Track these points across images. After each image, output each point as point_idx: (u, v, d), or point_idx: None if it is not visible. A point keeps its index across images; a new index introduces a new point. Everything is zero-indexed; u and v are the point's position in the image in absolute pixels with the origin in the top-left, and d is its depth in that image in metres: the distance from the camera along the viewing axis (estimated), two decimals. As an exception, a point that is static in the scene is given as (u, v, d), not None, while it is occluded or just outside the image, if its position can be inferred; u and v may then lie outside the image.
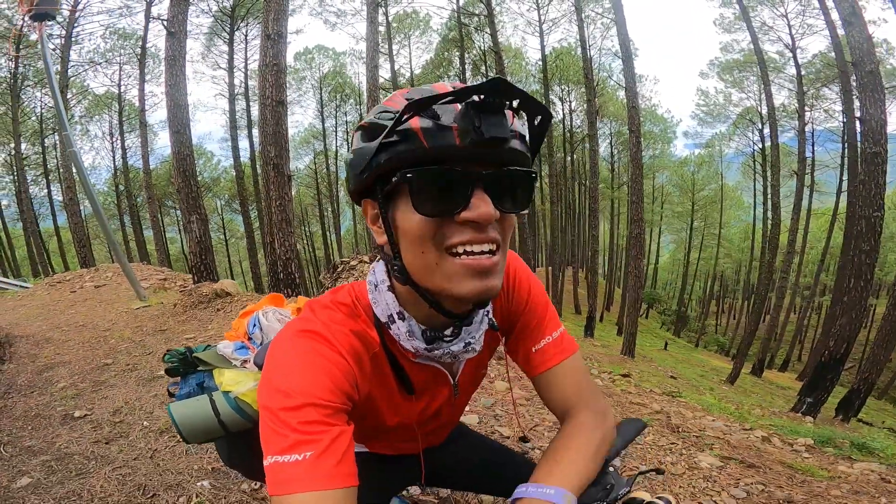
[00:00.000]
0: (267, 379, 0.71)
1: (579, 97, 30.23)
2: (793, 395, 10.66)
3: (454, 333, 0.79)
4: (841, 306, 8.30)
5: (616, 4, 13.94)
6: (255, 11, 21.93)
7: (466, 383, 0.98)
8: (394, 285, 0.79)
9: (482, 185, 0.64)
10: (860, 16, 7.74)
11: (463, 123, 0.62)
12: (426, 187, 0.65)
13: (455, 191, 0.64)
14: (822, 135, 22.69)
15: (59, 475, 2.32)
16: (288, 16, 7.30)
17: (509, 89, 0.60)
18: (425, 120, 0.63)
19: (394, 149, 0.65)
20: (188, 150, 7.89)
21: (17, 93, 21.15)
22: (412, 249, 0.69)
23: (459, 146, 0.62)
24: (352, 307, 0.82)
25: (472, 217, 0.64)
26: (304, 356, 0.72)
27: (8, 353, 4.43)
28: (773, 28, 20.20)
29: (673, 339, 28.47)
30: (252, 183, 25.12)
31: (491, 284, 0.68)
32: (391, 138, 0.65)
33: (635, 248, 14.54)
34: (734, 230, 41.82)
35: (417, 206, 0.65)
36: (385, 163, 0.66)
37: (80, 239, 16.97)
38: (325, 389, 0.69)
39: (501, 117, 0.62)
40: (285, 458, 0.63)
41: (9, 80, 21.09)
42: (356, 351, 0.78)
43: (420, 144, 0.63)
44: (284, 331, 0.78)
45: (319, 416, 0.66)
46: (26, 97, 22.69)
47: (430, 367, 0.88)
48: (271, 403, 0.67)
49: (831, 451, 2.98)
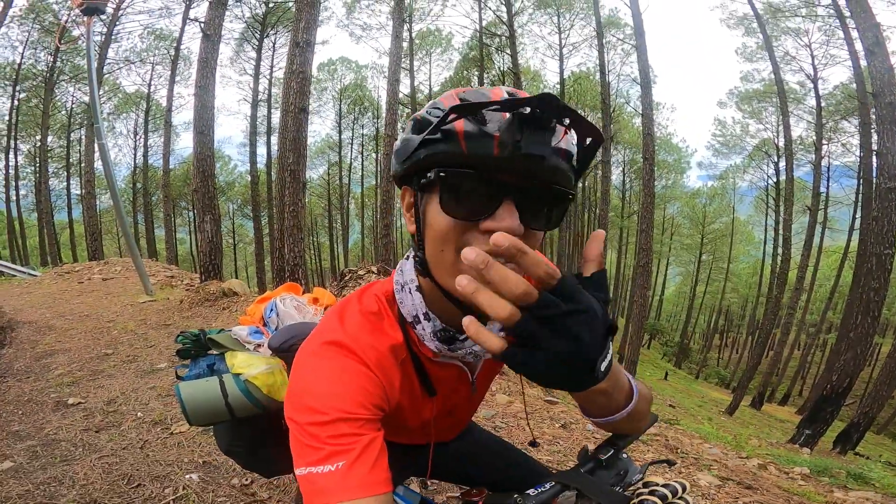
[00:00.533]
0: (295, 393, 0.71)
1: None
2: (791, 428, 10.49)
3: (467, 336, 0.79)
4: (847, 342, 8.20)
5: (638, 30, 14.09)
6: (285, 20, 22.45)
7: (484, 381, 0.99)
8: (421, 285, 0.79)
9: (512, 197, 0.64)
10: (883, 45, 7.79)
11: (506, 134, 0.61)
12: (456, 190, 0.65)
13: (483, 199, 0.64)
14: (838, 170, 22.53)
15: (42, 461, 2.31)
16: (317, 25, 7.48)
17: (558, 106, 0.60)
18: (470, 124, 0.63)
19: (434, 146, 0.65)
20: (209, 152, 8.09)
21: (51, 86, 21.79)
22: (434, 245, 0.70)
23: (496, 156, 0.62)
24: (379, 314, 0.82)
25: (495, 228, 0.63)
26: (332, 370, 0.72)
27: (9, 337, 4.46)
28: (795, 58, 20.14)
29: (674, 370, 28.07)
30: (266, 189, 25.40)
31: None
32: (434, 135, 0.65)
33: (642, 278, 14.44)
34: (743, 265, 41.40)
35: (444, 207, 0.66)
36: (424, 158, 0.67)
37: (92, 232, 17.26)
38: (355, 403, 0.69)
39: (546, 133, 0.62)
40: (318, 469, 0.63)
41: (45, 73, 21.75)
42: (386, 362, 0.78)
43: (459, 147, 0.64)
44: (311, 341, 0.78)
45: (350, 429, 0.66)
46: (59, 91, 23.30)
47: (452, 364, 0.88)
48: (301, 418, 0.68)
49: (827, 480, 2.93)
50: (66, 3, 18.94)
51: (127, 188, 28.10)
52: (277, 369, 1.20)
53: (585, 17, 24.73)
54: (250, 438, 1.23)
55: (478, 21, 23.67)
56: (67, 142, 25.45)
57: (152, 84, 25.66)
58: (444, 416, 0.96)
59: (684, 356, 35.81)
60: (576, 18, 25.65)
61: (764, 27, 18.00)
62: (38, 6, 20.02)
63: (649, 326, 33.69)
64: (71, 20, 13.46)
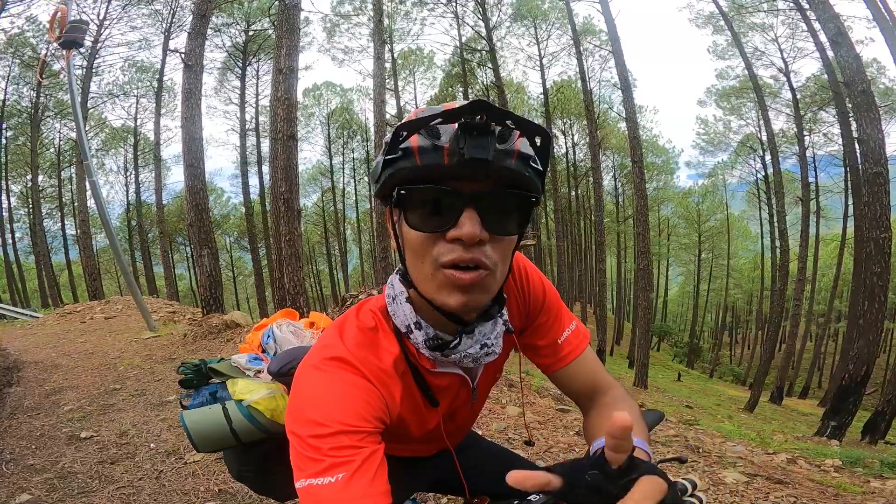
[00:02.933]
0: (297, 406, 0.72)
1: (581, 130, 30.71)
2: (815, 420, 10.35)
3: (457, 342, 0.80)
4: (857, 329, 8.15)
5: (613, 36, 14.39)
6: (267, 48, 22.65)
7: (484, 387, 1.00)
8: (410, 296, 0.81)
9: (473, 204, 0.66)
10: (846, 35, 7.94)
11: (453, 143, 0.64)
12: (419, 204, 0.68)
13: (445, 209, 0.67)
14: (825, 159, 22.53)
15: (60, 493, 2.29)
16: (299, 51, 7.54)
17: (490, 111, 0.63)
18: (424, 139, 0.66)
19: (395, 165, 0.69)
20: (201, 184, 7.97)
21: (37, 123, 21.69)
22: (412, 259, 0.73)
23: (447, 165, 0.65)
24: (376, 328, 0.84)
25: (458, 236, 0.66)
26: (334, 384, 0.73)
27: (16, 377, 4.44)
28: (765, 53, 20.32)
29: (686, 370, 27.78)
30: (261, 220, 25.37)
31: (472, 299, 0.70)
32: (395, 154, 0.68)
33: (643, 280, 14.47)
34: (743, 260, 41.42)
35: (410, 222, 0.69)
36: (389, 177, 0.70)
37: (91, 272, 17.18)
38: (356, 416, 0.70)
39: (488, 138, 0.64)
40: (318, 480, 0.64)
41: (29, 110, 21.70)
42: (387, 375, 0.79)
43: (414, 162, 0.67)
44: (312, 356, 0.79)
45: (351, 441, 0.67)
46: (45, 128, 23.26)
47: (452, 374, 0.89)
48: (302, 431, 0.68)
49: (861, 471, 2.87)
50: (44, 38, 19.03)
51: (122, 226, 28.05)
52: (279, 393, 1.21)
53: (561, 27, 25.16)
54: (258, 462, 1.24)
55: (457, 38, 24.10)
56: (59, 180, 25.37)
57: (138, 117, 25.71)
58: (446, 423, 0.97)
59: (696, 356, 35.52)
60: (552, 28, 26.08)
61: (731, 24, 18.27)
62: (16, 40, 20.06)
63: (657, 329, 33.49)
64: (50, 54, 13.49)
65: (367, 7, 20.94)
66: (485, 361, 0.85)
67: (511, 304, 0.93)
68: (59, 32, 6.39)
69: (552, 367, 0.97)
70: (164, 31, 20.59)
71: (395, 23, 24.41)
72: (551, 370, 0.97)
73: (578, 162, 32.74)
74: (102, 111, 24.92)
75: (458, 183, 0.66)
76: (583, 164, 32.03)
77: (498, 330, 0.84)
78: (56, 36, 6.44)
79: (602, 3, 14.72)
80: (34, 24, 19.88)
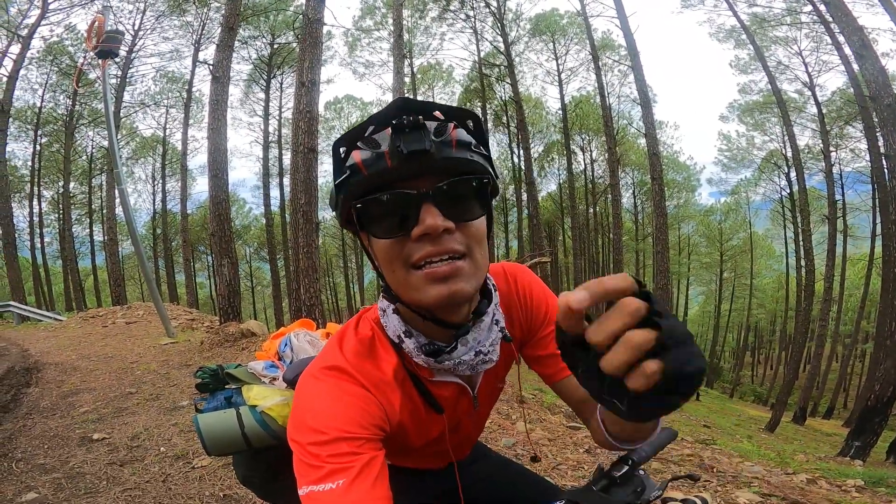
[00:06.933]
0: (297, 416, 0.75)
1: (600, 146, 30.44)
2: (839, 441, 9.98)
3: (453, 347, 0.81)
4: (884, 350, 7.87)
5: (632, 50, 14.33)
6: (291, 60, 23.16)
7: (485, 396, 1.00)
8: (398, 308, 0.82)
9: (429, 199, 0.67)
10: (871, 48, 7.79)
11: (391, 146, 0.66)
12: (376, 215, 0.70)
13: (402, 211, 0.68)
14: (852, 176, 21.79)
15: (66, 492, 2.33)
16: (321, 65, 7.68)
17: (414, 105, 0.66)
18: (365, 151, 0.68)
19: (346, 184, 0.71)
20: (225, 195, 8.15)
21: (71, 131, 22.43)
22: (386, 269, 0.74)
23: (392, 168, 0.67)
24: (373, 338, 0.85)
25: (421, 231, 0.67)
26: (332, 392, 0.75)
27: (35, 378, 4.56)
28: (789, 67, 19.95)
29: (705, 390, 27.06)
30: (281, 232, 25.74)
31: (455, 288, 0.70)
32: (343, 175, 0.71)
33: (662, 299, 14.15)
34: (766, 280, 40.32)
35: (373, 232, 0.71)
36: (343, 200, 0.72)
37: (115, 278, 17.62)
38: (354, 423, 0.71)
39: (421, 132, 0.66)
40: (319, 487, 0.65)
41: (65, 117, 22.43)
42: (385, 384, 0.81)
43: (362, 175, 0.69)
44: (313, 366, 0.81)
45: (350, 447, 0.69)
46: (79, 136, 24.01)
47: (451, 383, 0.89)
48: (302, 439, 0.70)
49: (884, 491, 2.76)
50: (81, 46, 19.54)
51: (147, 234, 28.75)
52: (292, 401, 1.23)
53: (580, 42, 25.14)
54: (266, 468, 1.25)
55: (476, 53, 24.32)
56: (89, 188, 26.12)
57: (167, 127, 26.43)
58: (450, 434, 0.96)
59: (716, 375, 34.63)
60: (570, 43, 26.11)
61: (753, 38, 18.06)
62: (55, 48, 20.77)
63: (675, 348, 32.68)
64: (87, 63, 14.02)
65: (388, 22, 21.38)
66: (481, 369, 0.85)
67: (513, 315, 0.94)
68: (96, 41, 6.59)
69: (554, 376, 0.96)
70: (195, 42, 21.28)
71: (414, 38, 24.81)
72: (553, 380, 0.96)
73: (597, 178, 32.42)
74: (134, 120, 25.75)
75: (408, 182, 0.68)
76: (601, 181, 31.69)
77: (493, 337, 0.84)
78: (93, 45, 6.63)
79: (620, 18, 14.72)
80: (73, 33, 20.61)
